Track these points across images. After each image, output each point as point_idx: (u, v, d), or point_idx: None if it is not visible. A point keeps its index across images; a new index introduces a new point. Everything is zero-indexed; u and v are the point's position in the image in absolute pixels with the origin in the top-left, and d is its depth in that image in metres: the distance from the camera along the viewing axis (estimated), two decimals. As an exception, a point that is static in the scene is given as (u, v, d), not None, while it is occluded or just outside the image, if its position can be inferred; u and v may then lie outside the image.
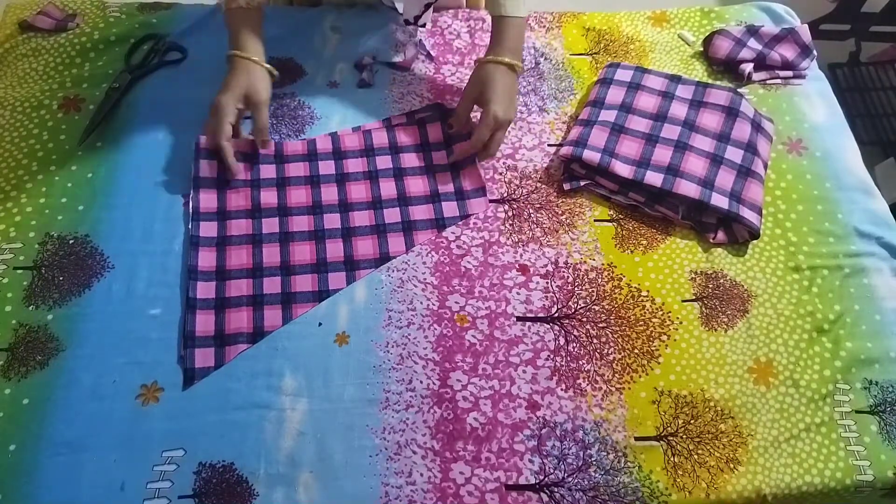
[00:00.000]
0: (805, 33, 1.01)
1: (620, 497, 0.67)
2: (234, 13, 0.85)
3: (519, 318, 0.77)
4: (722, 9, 1.09)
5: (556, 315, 0.78)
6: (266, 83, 0.85)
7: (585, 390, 0.73)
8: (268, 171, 0.83)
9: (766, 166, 0.88)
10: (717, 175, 0.85)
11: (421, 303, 0.78)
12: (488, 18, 1.03)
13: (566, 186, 0.87)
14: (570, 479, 0.68)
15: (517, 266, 0.81)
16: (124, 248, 0.79)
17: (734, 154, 0.87)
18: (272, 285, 0.77)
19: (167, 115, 0.90)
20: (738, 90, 0.93)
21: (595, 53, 1.02)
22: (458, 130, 0.89)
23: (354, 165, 0.86)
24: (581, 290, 0.80)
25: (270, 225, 0.81)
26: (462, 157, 0.87)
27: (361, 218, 0.82)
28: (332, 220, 0.82)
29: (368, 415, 0.71)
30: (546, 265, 0.81)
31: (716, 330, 0.78)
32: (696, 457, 0.70)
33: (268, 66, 0.85)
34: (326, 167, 0.85)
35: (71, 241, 0.79)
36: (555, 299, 0.79)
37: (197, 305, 0.75)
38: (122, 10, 1.02)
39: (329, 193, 0.84)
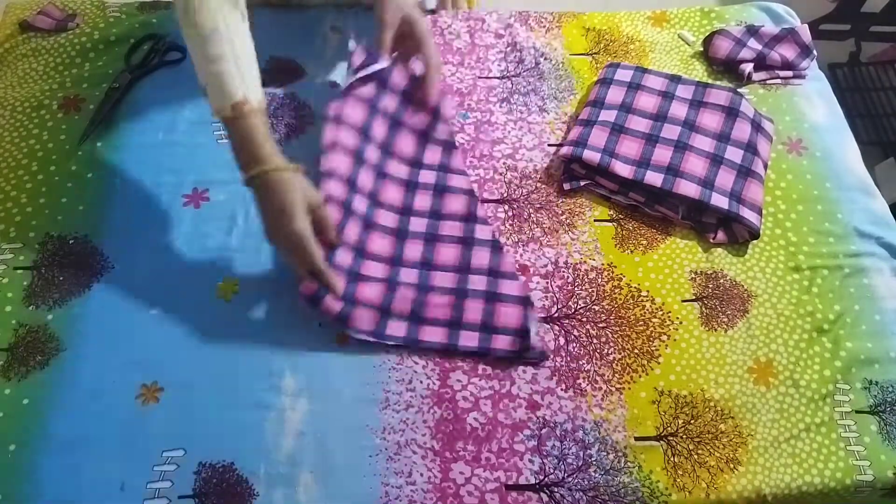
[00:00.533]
0: (805, 33, 1.01)
1: (620, 497, 0.67)
2: (250, 118, 0.68)
3: (519, 318, 0.78)
4: (722, 9, 1.09)
5: (556, 315, 0.78)
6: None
7: (585, 390, 0.73)
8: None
9: (766, 166, 0.88)
10: (717, 175, 0.85)
11: (421, 303, 0.78)
12: (488, 18, 1.04)
13: (566, 186, 0.87)
14: (570, 479, 0.68)
15: (517, 266, 0.81)
16: (124, 248, 0.79)
17: (734, 154, 0.87)
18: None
19: (167, 115, 0.90)
20: (738, 90, 0.93)
21: (595, 53, 1.02)
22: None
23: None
24: (581, 290, 0.80)
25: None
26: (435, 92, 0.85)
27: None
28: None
29: (368, 415, 0.71)
30: (546, 265, 0.81)
31: (716, 330, 0.78)
32: (696, 457, 0.70)
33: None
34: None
35: (71, 241, 0.79)
36: (555, 299, 0.79)
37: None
38: (122, 10, 1.02)
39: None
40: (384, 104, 0.85)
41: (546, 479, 0.68)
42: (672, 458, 0.70)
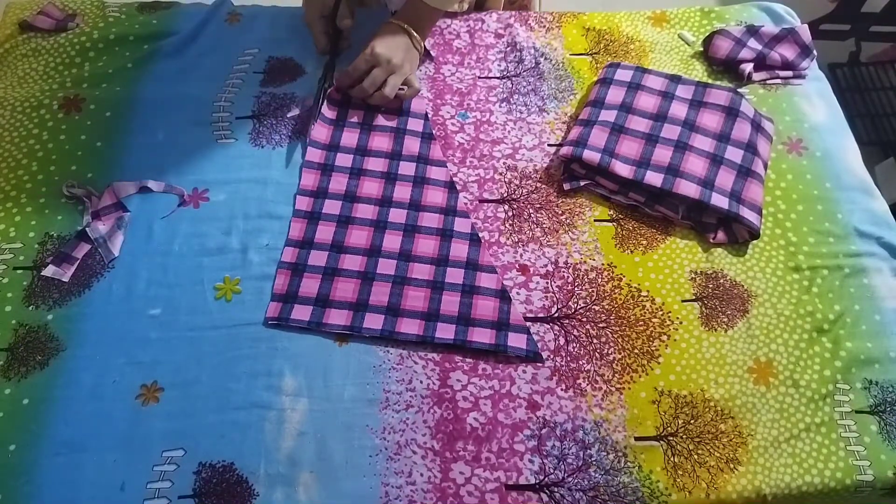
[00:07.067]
0: (805, 33, 1.01)
1: (620, 497, 0.67)
2: None
3: (519, 318, 0.78)
4: (722, 9, 1.09)
5: (556, 315, 0.78)
6: None
7: (585, 390, 0.73)
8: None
9: (766, 166, 0.88)
10: (717, 175, 0.85)
11: (421, 303, 0.78)
12: (488, 18, 1.04)
13: (566, 186, 0.87)
14: (570, 479, 0.68)
15: (517, 266, 0.81)
16: (124, 248, 0.79)
17: (734, 154, 0.87)
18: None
19: (167, 114, 0.90)
20: (738, 90, 0.93)
21: (595, 53, 1.02)
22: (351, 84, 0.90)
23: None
24: (581, 290, 0.80)
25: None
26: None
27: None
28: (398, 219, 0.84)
29: (368, 415, 0.71)
30: (546, 265, 0.81)
31: (716, 330, 0.78)
32: (696, 457, 0.70)
33: None
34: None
35: (71, 241, 0.79)
36: (555, 299, 0.79)
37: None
38: (122, 10, 1.02)
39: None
40: (351, 118, 0.91)
41: (546, 479, 0.68)
42: (672, 458, 0.70)
